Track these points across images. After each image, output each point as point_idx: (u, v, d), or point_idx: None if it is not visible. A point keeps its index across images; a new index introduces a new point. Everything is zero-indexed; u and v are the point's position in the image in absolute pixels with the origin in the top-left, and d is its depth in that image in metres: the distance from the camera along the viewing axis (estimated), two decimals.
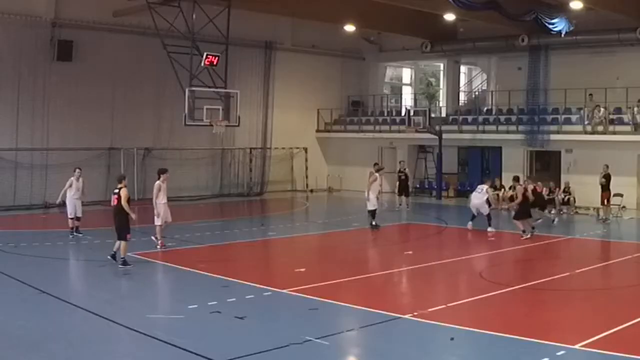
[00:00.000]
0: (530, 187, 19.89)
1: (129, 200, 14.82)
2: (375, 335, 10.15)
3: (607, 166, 23.20)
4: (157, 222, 16.60)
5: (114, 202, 14.88)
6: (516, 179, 22.31)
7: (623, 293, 12.95)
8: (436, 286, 14.01)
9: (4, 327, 10.21)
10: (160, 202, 16.51)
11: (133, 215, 14.82)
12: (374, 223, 20.67)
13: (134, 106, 27.80)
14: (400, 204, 26.67)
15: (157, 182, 16.60)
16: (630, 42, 26.51)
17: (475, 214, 20.37)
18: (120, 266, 14.53)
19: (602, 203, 23.21)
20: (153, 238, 16.68)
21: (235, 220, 24.27)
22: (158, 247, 16.54)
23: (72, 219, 18.67)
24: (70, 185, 18.65)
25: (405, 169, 27.13)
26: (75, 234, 18.57)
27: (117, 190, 14.85)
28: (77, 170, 19.05)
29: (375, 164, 20.99)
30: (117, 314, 10.84)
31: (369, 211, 20.72)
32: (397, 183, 26.97)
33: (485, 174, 30.49)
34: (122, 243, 14.72)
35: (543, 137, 27.65)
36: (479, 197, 20.30)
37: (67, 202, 18.63)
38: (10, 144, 24.93)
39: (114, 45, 26.89)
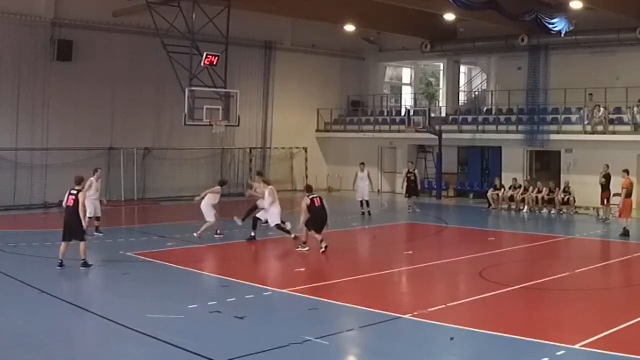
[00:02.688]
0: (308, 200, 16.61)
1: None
2: (375, 335, 10.14)
3: (608, 166, 23.13)
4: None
5: (69, 202, 14.03)
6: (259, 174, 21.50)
7: (623, 293, 12.96)
8: (436, 286, 13.99)
9: (4, 327, 10.20)
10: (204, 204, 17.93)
11: (85, 223, 14.15)
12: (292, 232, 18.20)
13: (134, 106, 27.78)
14: (410, 207, 25.78)
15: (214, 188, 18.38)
16: (630, 42, 26.50)
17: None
18: (82, 268, 14.21)
19: (602, 203, 23.18)
20: (216, 236, 18.16)
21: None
22: (196, 235, 17.63)
23: (90, 218, 18.52)
24: (90, 186, 18.54)
25: (414, 170, 26.76)
26: (95, 233, 18.45)
27: (75, 192, 14.10)
28: (99, 170, 18.99)
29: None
30: (117, 314, 10.82)
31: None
32: (406, 184, 26.06)
33: (485, 174, 30.62)
34: (82, 244, 14.26)
35: (543, 137, 27.62)
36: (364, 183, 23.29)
37: (87, 203, 18.54)
38: (10, 144, 24.90)
39: (114, 45, 26.89)
